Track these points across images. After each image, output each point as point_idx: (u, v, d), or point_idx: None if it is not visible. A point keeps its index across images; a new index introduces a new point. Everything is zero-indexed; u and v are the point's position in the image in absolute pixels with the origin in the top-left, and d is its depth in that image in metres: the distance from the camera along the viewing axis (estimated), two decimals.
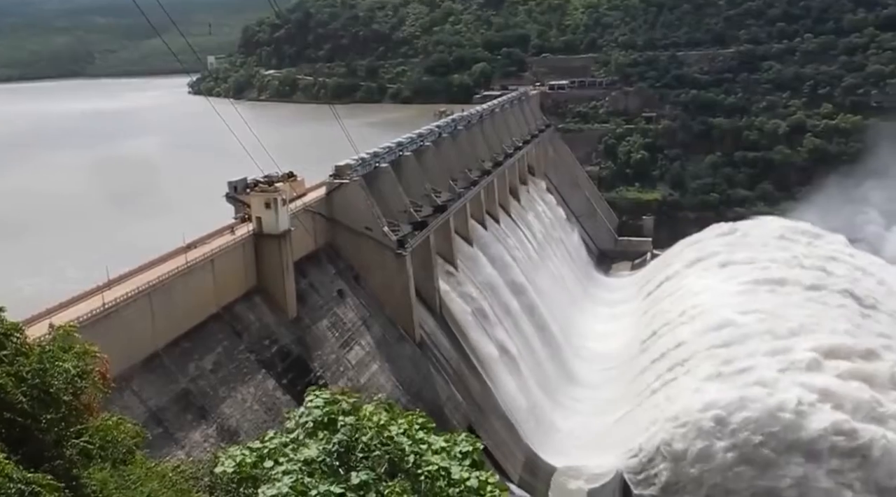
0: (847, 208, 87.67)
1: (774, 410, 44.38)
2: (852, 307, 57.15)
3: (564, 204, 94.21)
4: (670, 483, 45.29)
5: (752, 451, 43.76)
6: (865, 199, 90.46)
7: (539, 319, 63.68)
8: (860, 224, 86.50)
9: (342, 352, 40.44)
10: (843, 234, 75.63)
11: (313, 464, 9.27)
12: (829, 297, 58.40)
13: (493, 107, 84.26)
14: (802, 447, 43.21)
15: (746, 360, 50.01)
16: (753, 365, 49.17)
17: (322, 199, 44.51)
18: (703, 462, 44.54)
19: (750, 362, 49.57)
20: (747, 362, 49.64)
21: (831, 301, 57.58)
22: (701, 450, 44.55)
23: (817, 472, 42.49)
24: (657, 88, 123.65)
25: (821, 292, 58.87)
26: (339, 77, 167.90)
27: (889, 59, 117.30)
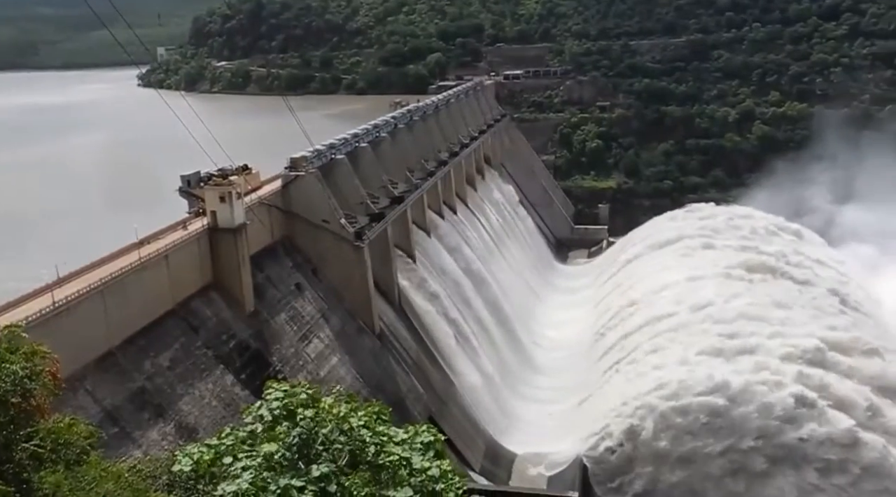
0: (795, 194, 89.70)
1: (724, 390, 45.31)
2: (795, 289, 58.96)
3: (521, 193, 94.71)
4: (629, 466, 46.00)
5: (708, 429, 44.57)
6: (812, 184, 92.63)
7: (498, 308, 64.07)
8: (807, 209, 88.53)
9: (301, 345, 40.17)
10: (791, 219, 77.43)
11: (273, 458, 9.21)
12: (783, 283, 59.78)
13: (448, 97, 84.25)
14: (755, 421, 44.11)
15: (700, 344, 50.91)
16: (706, 348, 50.08)
17: (278, 192, 44.06)
18: (660, 444, 45.27)
19: (703, 346, 50.48)
20: (701, 346, 50.54)
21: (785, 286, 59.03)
22: (658, 432, 45.30)
23: (773, 439, 43.43)
24: (611, 78, 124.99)
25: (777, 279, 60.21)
26: (293, 68, 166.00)
27: (832, 48, 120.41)
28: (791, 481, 42.89)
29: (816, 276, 61.80)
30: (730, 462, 44.00)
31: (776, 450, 43.52)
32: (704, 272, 62.02)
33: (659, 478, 45.06)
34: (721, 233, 70.91)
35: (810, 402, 44.03)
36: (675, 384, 46.48)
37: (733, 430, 44.33)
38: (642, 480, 45.52)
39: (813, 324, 52.22)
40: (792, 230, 74.38)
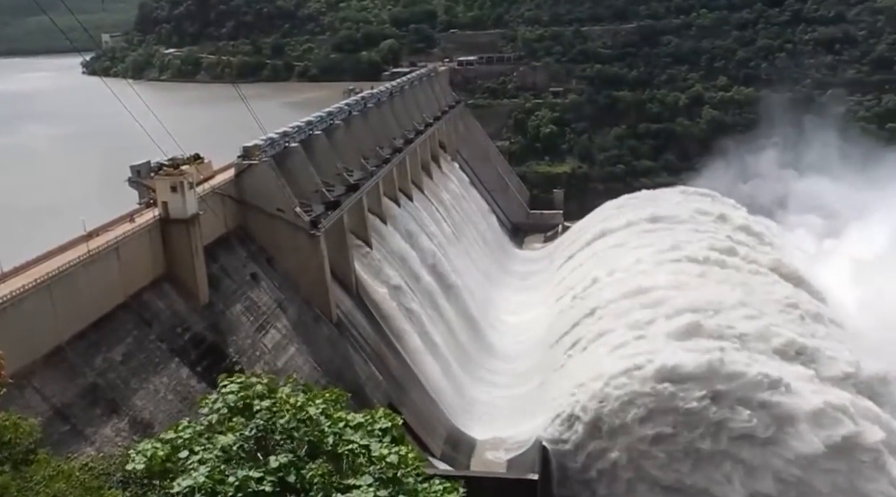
0: (743, 176, 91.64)
1: (680, 372, 45.98)
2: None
3: (476, 179, 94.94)
4: (589, 447, 46.56)
5: (665, 410, 45.17)
6: (760, 167, 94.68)
7: (455, 294, 64.25)
8: (756, 189, 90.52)
9: (258, 336, 39.77)
10: (740, 199, 79.10)
11: (230, 451, 9.12)
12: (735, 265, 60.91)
13: (402, 84, 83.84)
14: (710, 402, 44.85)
15: (656, 326, 51.54)
16: (662, 330, 50.73)
17: (231, 182, 43.42)
18: (618, 424, 45.91)
19: (659, 328, 51.13)
20: (657, 328, 51.18)
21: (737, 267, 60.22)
22: (616, 413, 45.93)
23: (734, 417, 44.23)
24: (563, 63, 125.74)
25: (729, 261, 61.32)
26: (244, 55, 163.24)
27: (776, 33, 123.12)
28: (743, 462, 43.69)
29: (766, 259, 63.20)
30: (685, 442, 44.75)
31: (727, 431, 44.28)
32: (658, 255, 62.91)
33: (618, 458, 45.73)
34: (674, 216, 71.89)
35: (773, 382, 44.77)
36: (633, 365, 47.08)
37: (689, 411, 45.03)
38: (602, 460, 46.15)
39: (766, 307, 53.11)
40: (741, 212, 75.94)
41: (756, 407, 44.07)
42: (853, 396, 45.64)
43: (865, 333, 54.00)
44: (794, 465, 43.14)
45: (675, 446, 44.82)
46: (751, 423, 43.93)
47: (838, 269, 66.61)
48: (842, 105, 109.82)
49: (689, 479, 44.42)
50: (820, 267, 67.46)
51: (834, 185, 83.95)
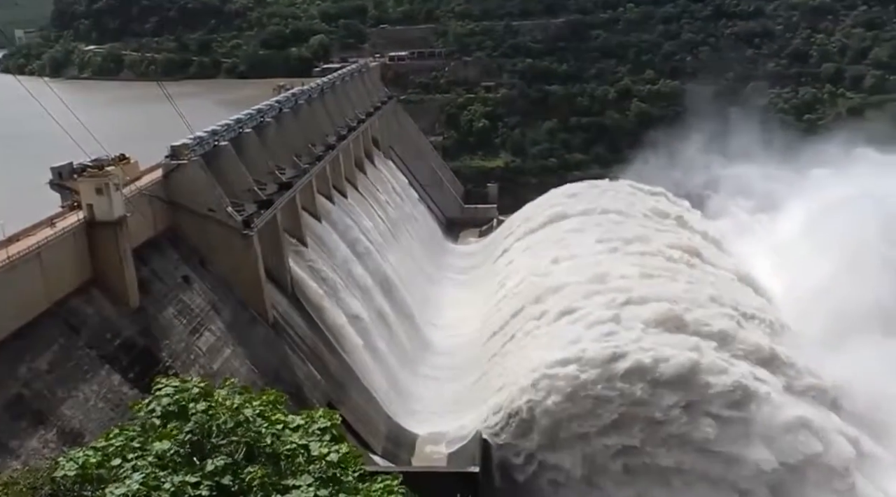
0: (672, 166, 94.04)
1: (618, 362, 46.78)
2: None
3: (410, 175, 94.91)
4: (529, 438, 47.12)
5: (605, 401, 45.94)
6: (687, 158, 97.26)
7: (392, 291, 64.18)
8: (685, 179, 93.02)
9: (192, 339, 38.96)
10: (669, 188, 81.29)
11: (165, 456, 8.95)
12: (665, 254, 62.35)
13: (333, 80, 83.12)
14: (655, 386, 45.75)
15: (592, 316, 52.31)
16: (598, 320, 51.54)
17: (159, 182, 42.33)
18: (556, 415, 46.57)
19: (595, 318, 51.94)
20: (593, 319, 51.98)
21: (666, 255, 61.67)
22: (554, 403, 46.56)
23: (673, 406, 45.21)
24: (495, 58, 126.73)
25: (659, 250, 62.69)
26: (169, 52, 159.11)
27: (699, 28, 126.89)
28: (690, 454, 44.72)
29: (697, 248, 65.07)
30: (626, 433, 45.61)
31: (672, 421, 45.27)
32: (591, 247, 64.04)
33: (559, 448, 46.40)
34: (607, 208, 73.26)
35: (705, 368, 45.90)
36: (570, 357, 47.78)
37: (629, 401, 45.89)
38: (542, 451, 46.79)
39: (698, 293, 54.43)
40: (670, 201, 77.98)
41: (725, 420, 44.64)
42: (821, 410, 46.10)
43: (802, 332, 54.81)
44: (760, 482, 43.52)
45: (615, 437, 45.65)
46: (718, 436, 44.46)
47: (763, 257, 69.11)
48: (763, 97, 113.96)
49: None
50: (748, 255, 69.63)
51: (758, 172, 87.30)
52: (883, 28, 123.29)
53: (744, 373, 45.83)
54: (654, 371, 45.27)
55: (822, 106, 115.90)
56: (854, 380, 48.51)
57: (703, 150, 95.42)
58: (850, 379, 48.70)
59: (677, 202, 78.40)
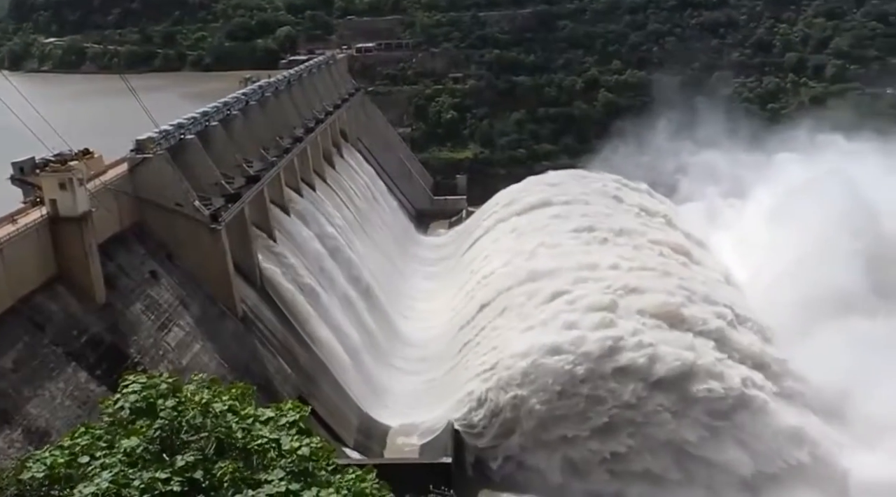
0: (640, 155, 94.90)
1: (592, 350, 47.19)
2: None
3: (379, 167, 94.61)
4: (500, 427, 47.45)
5: (574, 389, 46.34)
6: (655, 147, 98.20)
7: (362, 283, 64.05)
8: (652, 171, 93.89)
9: (160, 335, 38.60)
10: (637, 178, 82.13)
11: (134, 453, 8.90)
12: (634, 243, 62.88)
13: (300, 72, 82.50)
14: (621, 377, 46.20)
15: (562, 306, 52.67)
16: (567, 310, 51.94)
17: (125, 177, 41.76)
18: (528, 404, 46.91)
19: (564, 308, 52.33)
20: (562, 308, 52.35)
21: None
22: (526, 393, 46.94)
23: (643, 394, 45.67)
24: (462, 49, 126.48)
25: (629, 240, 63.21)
26: (133, 44, 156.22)
27: (665, 18, 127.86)
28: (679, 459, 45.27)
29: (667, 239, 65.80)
30: (596, 421, 46.06)
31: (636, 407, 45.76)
32: (561, 238, 64.48)
33: (530, 436, 46.76)
34: (576, 198, 73.72)
35: (702, 370, 46.38)
36: (540, 346, 48.14)
37: (600, 389, 46.31)
38: (514, 440, 47.12)
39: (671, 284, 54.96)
40: (641, 190, 78.76)
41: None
42: (812, 418, 46.59)
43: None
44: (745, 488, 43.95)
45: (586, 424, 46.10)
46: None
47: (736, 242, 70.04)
48: (728, 86, 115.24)
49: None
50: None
51: (726, 159, 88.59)
52: (843, 18, 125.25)
53: (741, 376, 46.17)
54: (649, 370, 45.64)
55: (785, 95, 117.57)
56: (821, 372, 49.33)
57: (671, 138, 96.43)
58: (816, 370, 49.61)
59: (655, 194, 79.14)
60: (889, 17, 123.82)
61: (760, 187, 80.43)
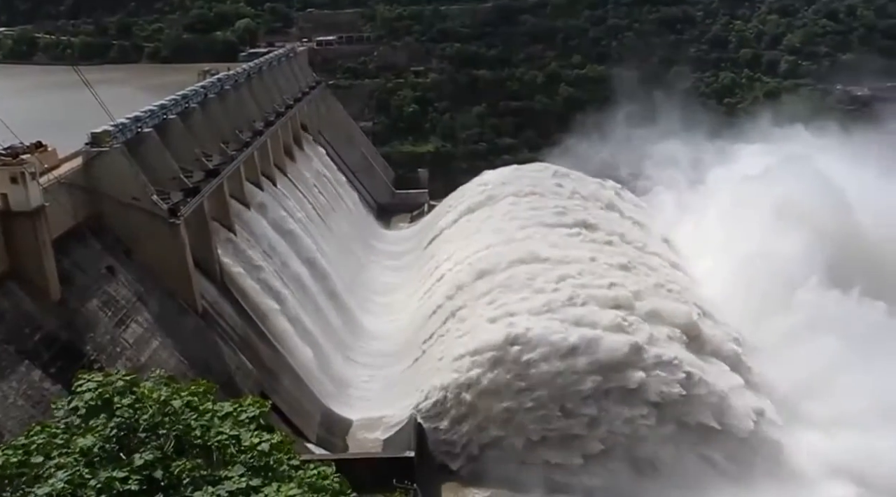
0: (601, 149, 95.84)
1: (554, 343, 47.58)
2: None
3: (341, 160, 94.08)
4: (461, 419, 47.63)
5: (537, 379, 46.72)
6: (615, 141, 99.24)
7: (324, 277, 63.71)
8: (614, 162, 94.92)
9: (118, 331, 37.96)
10: (599, 173, 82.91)
11: (91, 452, 8.77)
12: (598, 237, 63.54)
13: (260, 65, 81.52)
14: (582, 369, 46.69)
15: (524, 298, 52.99)
16: (529, 301, 52.28)
17: (80, 170, 40.88)
18: (490, 396, 47.18)
19: (526, 300, 52.67)
20: (524, 300, 52.68)
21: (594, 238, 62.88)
22: (487, 385, 47.19)
23: (605, 386, 46.26)
24: (423, 42, 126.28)
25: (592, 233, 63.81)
26: (87, 35, 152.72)
27: (624, 13, 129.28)
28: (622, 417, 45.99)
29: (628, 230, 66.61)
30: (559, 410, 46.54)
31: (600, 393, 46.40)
32: (522, 230, 64.83)
33: (492, 428, 47.04)
34: (535, 192, 74.06)
35: (636, 348, 47.13)
36: (503, 337, 48.40)
37: (562, 377, 46.77)
38: (477, 432, 47.35)
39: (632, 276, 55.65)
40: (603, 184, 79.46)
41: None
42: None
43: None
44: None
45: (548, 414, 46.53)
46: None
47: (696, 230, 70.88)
48: (686, 81, 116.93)
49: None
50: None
51: (685, 151, 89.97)
52: (795, 15, 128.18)
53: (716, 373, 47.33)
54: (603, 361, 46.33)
55: (741, 90, 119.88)
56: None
57: (631, 132, 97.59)
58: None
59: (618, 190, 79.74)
60: (838, 14, 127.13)
61: (719, 177, 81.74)
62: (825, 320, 52.62)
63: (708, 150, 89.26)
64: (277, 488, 9.23)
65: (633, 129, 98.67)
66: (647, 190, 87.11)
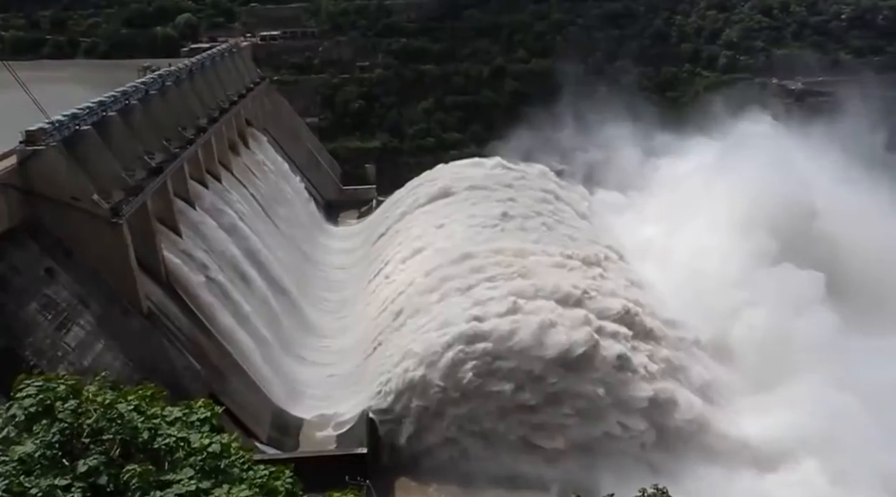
0: (547, 143, 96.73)
1: (506, 336, 47.94)
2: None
3: (287, 157, 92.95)
4: (415, 415, 47.75)
5: (489, 372, 47.08)
6: (562, 134, 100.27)
7: (272, 276, 63.01)
8: (562, 153, 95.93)
9: (59, 335, 36.93)
10: (547, 163, 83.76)
11: (31, 459, 8.48)
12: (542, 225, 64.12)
13: (202, 60, 79.97)
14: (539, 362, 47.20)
15: (476, 291, 53.24)
16: (481, 295, 52.55)
17: (13, 170, 39.51)
18: (441, 392, 47.36)
19: (477, 293, 52.93)
20: (476, 294, 52.93)
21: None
22: (438, 380, 47.35)
23: (567, 379, 46.82)
24: (369, 38, 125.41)
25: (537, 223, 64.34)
26: (18, 30, 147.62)
27: (567, 8, 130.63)
28: None
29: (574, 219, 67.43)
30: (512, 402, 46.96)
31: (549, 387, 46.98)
32: (470, 222, 65.16)
33: (446, 422, 47.24)
34: (482, 185, 74.45)
35: (588, 341, 47.78)
36: (455, 332, 48.63)
37: (514, 372, 47.17)
38: (430, 428, 47.49)
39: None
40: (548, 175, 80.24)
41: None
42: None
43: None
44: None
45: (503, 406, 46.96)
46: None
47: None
48: (628, 75, 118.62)
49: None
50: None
51: (628, 144, 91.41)
52: (733, 11, 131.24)
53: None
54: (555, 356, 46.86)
55: (682, 84, 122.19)
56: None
57: (577, 125, 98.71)
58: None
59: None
60: (773, 10, 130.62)
61: (666, 171, 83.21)
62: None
63: (652, 143, 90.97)
64: (228, 490, 9.08)
65: (578, 122, 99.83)
66: (594, 181, 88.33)
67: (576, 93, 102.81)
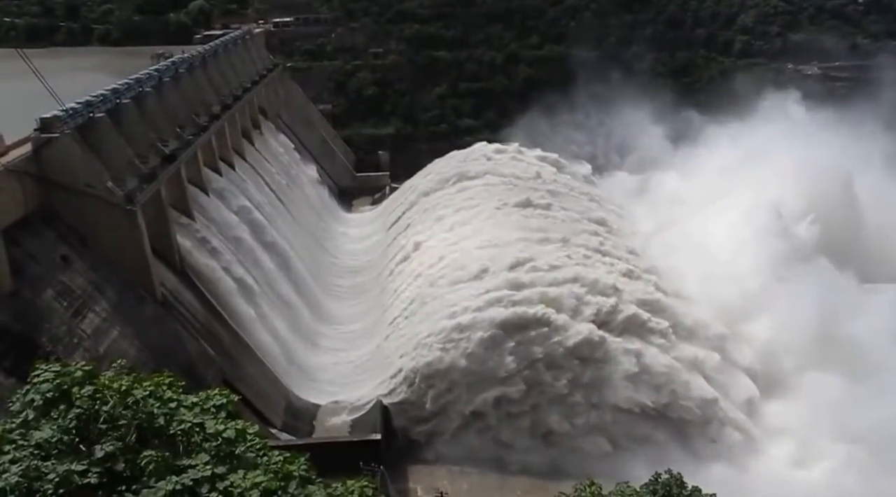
0: (562, 129, 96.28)
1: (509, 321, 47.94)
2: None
3: (300, 144, 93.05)
4: (428, 400, 47.87)
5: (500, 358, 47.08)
6: (576, 120, 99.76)
7: (286, 262, 63.15)
8: (572, 145, 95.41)
9: (75, 322, 37.16)
10: (560, 151, 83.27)
11: (48, 445, 8.50)
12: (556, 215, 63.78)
13: (216, 47, 79.91)
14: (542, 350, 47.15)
15: (487, 279, 53.14)
16: (493, 283, 52.46)
17: (29, 158, 39.66)
18: (456, 377, 47.44)
19: (489, 281, 52.83)
20: (487, 282, 52.84)
21: None
22: (450, 366, 47.42)
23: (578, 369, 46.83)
24: (382, 24, 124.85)
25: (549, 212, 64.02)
26: (32, 17, 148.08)
27: None
28: None
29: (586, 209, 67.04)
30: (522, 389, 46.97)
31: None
32: (484, 210, 64.93)
33: (458, 408, 47.33)
34: (497, 172, 74.14)
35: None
36: (468, 318, 48.60)
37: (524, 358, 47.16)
38: (443, 413, 47.61)
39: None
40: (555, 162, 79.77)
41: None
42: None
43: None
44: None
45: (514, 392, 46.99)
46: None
47: None
48: (643, 61, 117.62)
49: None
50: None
51: (642, 130, 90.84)
52: None
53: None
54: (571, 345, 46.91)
55: (696, 69, 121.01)
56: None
57: (589, 110, 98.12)
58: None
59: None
60: None
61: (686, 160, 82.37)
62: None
63: (664, 129, 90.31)
64: (243, 475, 9.08)
65: (591, 109, 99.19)
66: (607, 167, 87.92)
67: (589, 79, 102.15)
